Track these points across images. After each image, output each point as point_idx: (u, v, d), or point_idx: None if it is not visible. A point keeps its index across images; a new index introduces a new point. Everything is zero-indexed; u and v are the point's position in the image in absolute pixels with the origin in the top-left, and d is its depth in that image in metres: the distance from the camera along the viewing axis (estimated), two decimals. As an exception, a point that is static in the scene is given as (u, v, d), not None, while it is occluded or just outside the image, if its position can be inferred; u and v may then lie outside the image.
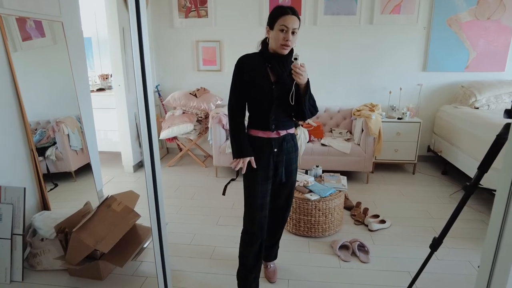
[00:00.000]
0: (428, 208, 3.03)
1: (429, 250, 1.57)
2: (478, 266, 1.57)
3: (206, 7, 4.00)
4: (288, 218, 2.54)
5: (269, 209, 1.89)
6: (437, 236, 1.47)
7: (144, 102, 1.13)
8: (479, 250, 2.37)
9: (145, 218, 2.33)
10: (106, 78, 4.57)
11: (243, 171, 1.74)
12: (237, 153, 1.75)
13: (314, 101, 1.74)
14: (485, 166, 1.27)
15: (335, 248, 2.35)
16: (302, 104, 1.65)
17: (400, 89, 3.93)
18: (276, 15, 1.61)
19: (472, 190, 1.31)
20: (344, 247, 2.38)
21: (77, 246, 1.95)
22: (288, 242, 2.46)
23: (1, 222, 2.07)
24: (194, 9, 4.03)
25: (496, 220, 0.92)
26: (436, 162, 4.10)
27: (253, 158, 1.74)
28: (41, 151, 2.48)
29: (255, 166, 1.74)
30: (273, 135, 1.75)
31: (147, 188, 1.05)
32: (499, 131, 1.25)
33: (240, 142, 1.75)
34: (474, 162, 3.05)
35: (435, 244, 1.45)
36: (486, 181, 1.40)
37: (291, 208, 2.49)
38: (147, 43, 1.02)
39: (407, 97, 4.00)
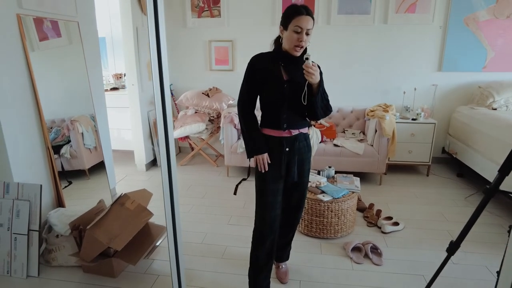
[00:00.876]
0: (443, 210, 2.97)
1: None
2: (497, 272, 1.53)
3: (219, 6, 4.01)
4: (300, 219, 2.53)
5: (282, 209, 1.89)
6: (454, 239, 1.43)
7: (162, 104, 1.14)
8: (497, 254, 2.31)
9: (158, 217, 2.36)
10: (120, 78, 4.63)
11: (266, 168, 1.73)
12: (252, 151, 1.75)
13: (327, 100, 1.73)
14: (506, 168, 1.24)
15: (348, 249, 2.32)
16: (314, 104, 1.64)
17: (415, 89, 3.87)
18: (291, 15, 1.59)
19: (492, 194, 1.27)
20: (356, 249, 2.35)
21: (91, 243, 1.98)
22: (300, 243, 2.44)
23: (19, 218, 2.11)
24: (207, 9, 4.04)
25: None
26: (451, 164, 4.02)
27: (267, 154, 1.74)
28: (56, 149, 2.52)
29: (269, 161, 1.74)
30: (285, 134, 1.74)
31: (163, 188, 1.05)
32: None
33: (254, 139, 1.75)
34: (492, 164, 2.97)
35: (452, 248, 1.41)
36: (503, 184, 1.36)
37: (304, 209, 2.48)
38: (165, 44, 1.03)
39: (422, 98, 3.93)
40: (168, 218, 1.08)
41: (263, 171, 1.74)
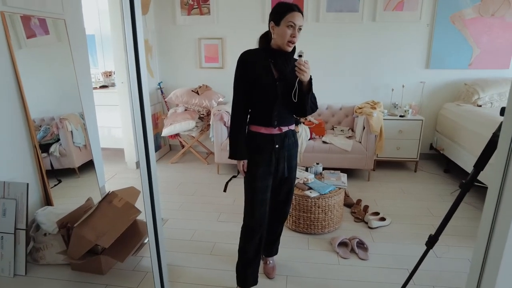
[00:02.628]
0: (429, 206, 3.02)
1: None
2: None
3: (209, 4, 4.01)
4: (288, 215, 2.55)
5: (270, 204, 1.91)
6: (433, 233, 1.47)
7: (140, 102, 1.15)
8: (479, 248, 2.36)
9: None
10: (109, 75, 4.61)
11: (243, 174, 1.82)
12: (234, 155, 1.79)
13: (315, 98, 1.75)
14: (481, 164, 1.27)
15: (334, 245, 2.36)
16: (305, 101, 1.66)
17: (403, 86, 3.92)
18: (284, 11, 1.60)
19: (468, 188, 1.31)
20: (343, 244, 2.39)
21: (79, 241, 1.99)
22: (287, 239, 2.47)
23: (5, 217, 2.10)
24: (197, 6, 4.04)
25: (487, 215, 0.93)
26: (438, 160, 4.08)
27: (246, 161, 1.79)
28: (45, 147, 2.52)
29: (245, 170, 1.80)
30: (276, 131, 1.76)
31: (142, 184, 1.07)
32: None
33: (238, 144, 1.78)
34: (476, 160, 3.03)
35: (431, 241, 1.45)
36: (486, 179, 1.40)
37: (291, 205, 2.51)
38: (142, 45, 1.03)
39: (410, 95, 3.98)
40: (148, 212, 1.10)
41: (242, 176, 1.82)
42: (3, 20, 2.15)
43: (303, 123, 3.65)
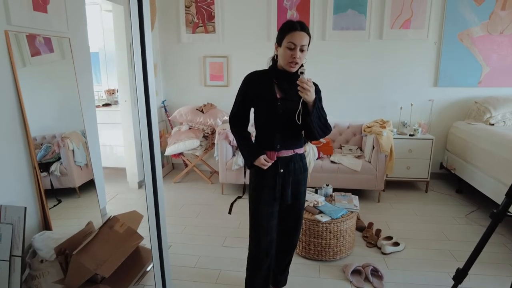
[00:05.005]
0: (443, 229, 2.89)
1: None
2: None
3: (214, 22, 3.99)
4: (298, 241, 2.43)
5: (277, 233, 1.80)
6: (460, 267, 1.35)
7: (147, 121, 1.07)
8: (501, 276, 2.22)
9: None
10: (113, 93, 4.56)
11: (269, 164, 1.65)
12: (250, 158, 1.68)
13: (325, 119, 1.65)
14: (514, 192, 1.17)
15: (347, 273, 2.22)
16: (311, 123, 1.56)
17: (411, 104, 3.84)
18: (284, 31, 1.55)
19: (500, 218, 1.20)
20: (356, 272, 2.26)
21: (77, 270, 1.87)
22: (297, 266, 2.34)
23: (0, 243, 1.99)
24: (202, 24, 4.03)
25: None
26: (449, 179, 3.96)
27: (264, 155, 1.66)
28: (46, 166, 2.43)
29: (268, 161, 1.65)
30: (279, 154, 1.67)
31: (147, 209, 0.97)
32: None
33: (248, 148, 1.71)
34: (491, 180, 2.92)
35: (459, 277, 1.33)
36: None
37: (301, 231, 2.39)
38: (151, 59, 0.96)
39: (418, 113, 3.91)
40: (153, 240, 1.00)
41: (266, 167, 1.65)
42: (6, 39, 2.10)
43: (310, 142, 3.56)
